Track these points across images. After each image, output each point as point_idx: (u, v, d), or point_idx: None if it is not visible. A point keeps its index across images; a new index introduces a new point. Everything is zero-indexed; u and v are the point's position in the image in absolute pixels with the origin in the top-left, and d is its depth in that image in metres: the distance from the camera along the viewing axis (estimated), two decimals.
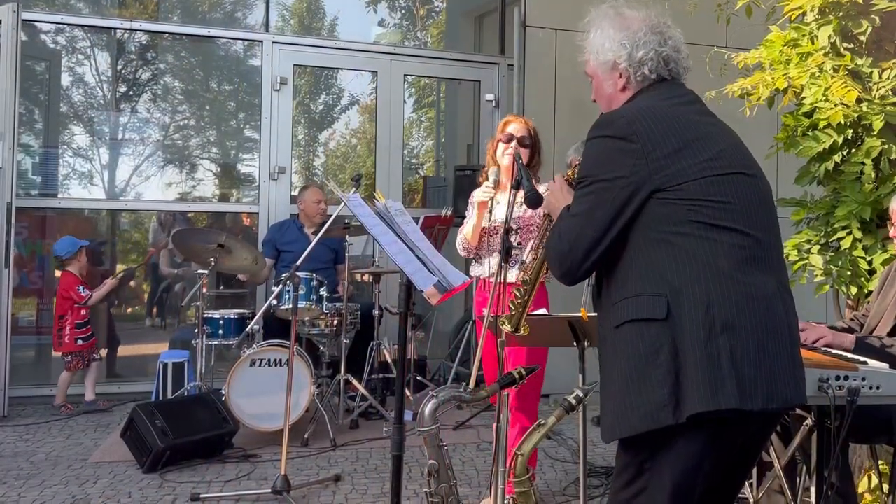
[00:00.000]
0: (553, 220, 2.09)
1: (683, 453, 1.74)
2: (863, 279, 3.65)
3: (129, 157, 7.19)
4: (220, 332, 4.98)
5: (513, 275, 2.76)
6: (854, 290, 3.68)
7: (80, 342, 5.48)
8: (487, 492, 3.69)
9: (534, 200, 2.70)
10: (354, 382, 5.06)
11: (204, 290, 4.91)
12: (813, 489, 2.50)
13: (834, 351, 2.72)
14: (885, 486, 3.26)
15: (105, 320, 6.34)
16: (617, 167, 1.81)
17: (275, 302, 4.66)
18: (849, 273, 3.65)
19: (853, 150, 3.72)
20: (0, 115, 5.27)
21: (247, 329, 4.68)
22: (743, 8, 4.26)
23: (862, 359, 2.51)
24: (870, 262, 3.62)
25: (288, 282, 4.33)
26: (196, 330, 4.96)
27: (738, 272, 1.76)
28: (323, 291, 4.93)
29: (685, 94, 1.98)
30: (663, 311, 1.73)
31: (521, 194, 2.80)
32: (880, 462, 3.47)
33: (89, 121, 7.28)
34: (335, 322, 5.07)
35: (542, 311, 3.03)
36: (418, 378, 5.85)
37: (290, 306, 4.11)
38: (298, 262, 3.97)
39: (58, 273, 5.73)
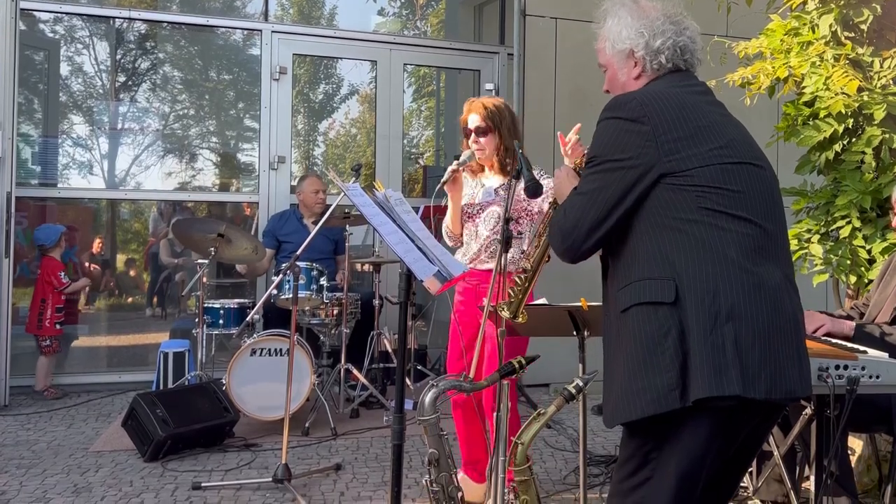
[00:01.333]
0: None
1: (689, 442, 1.73)
2: (862, 268, 3.66)
3: (128, 146, 7.16)
4: (221, 321, 5.00)
5: (492, 264, 2.73)
6: (854, 279, 3.68)
7: (58, 326, 5.59)
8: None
9: (533, 190, 2.69)
10: (355, 372, 5.07)
11: (204, 280, 4.92)
12: (812, 478, 2.52)
13: (834, 340, 2.73)
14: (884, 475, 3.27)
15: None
16: (626, 148, 1.82)
17: (275, 292, 4.66)
18: (848, 262, 3.65)
19: (854, 140, 3.71)
20: None
21: (247, 319, 4.68)
22: None
23: (862, 348, 2.51)
24: (869, 252, 3.62)
25: (288, 271, 4.33)
26: (196, 319, 4.97)
27: (747, 261, 1.76)
28: (323, 281, 4.93)
29: (697, 84, 1.98)
30: (671, 294, 1.73)
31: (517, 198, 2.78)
32: (879, 451, 3.48)
33: (89, 110, 7.25)
34: (335, 312, 5.08)
35: (543, 300, 3.03)
36: (418, 367, 5.87)
37: (291, 296, 4.11)
38: (298, 252, 3.97)
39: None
